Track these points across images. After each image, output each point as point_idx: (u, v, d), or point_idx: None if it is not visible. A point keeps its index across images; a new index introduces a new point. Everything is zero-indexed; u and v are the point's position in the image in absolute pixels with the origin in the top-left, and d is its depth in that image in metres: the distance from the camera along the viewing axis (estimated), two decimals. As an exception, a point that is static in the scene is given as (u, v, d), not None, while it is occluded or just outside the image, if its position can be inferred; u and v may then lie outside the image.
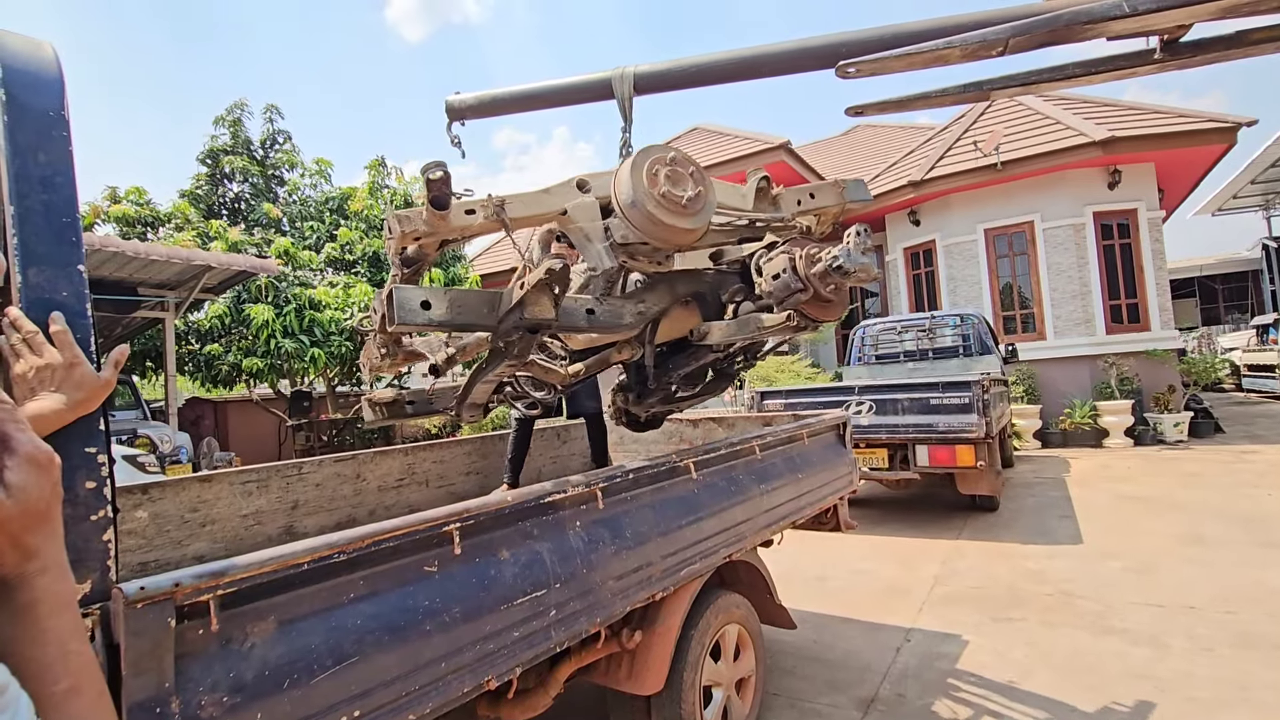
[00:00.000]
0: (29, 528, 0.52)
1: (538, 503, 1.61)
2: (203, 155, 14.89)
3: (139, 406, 8.75)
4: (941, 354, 7.46)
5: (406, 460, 3.21)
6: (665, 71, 2.06)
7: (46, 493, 0.53)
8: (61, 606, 0.53)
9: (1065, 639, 3.22)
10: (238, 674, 1.04)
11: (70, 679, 0.52)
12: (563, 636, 1.60)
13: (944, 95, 1.88)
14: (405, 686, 1.25)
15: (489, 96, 2.34)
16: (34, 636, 0.51)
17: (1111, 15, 1.44)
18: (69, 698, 0.51)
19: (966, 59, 1.62)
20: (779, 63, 1.91)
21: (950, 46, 1.60)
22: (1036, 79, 1.77)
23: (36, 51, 1.04)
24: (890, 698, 2.78)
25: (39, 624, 0.51)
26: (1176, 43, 1.54)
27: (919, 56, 1.63)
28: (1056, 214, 10.25)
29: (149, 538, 2.32)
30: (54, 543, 0.54)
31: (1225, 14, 1.42)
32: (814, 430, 2.95)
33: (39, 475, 0.53)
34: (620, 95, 2.11)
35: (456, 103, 2.35)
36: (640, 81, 2.07)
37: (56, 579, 0.54)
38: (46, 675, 0.50)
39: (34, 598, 0.52)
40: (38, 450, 0.54)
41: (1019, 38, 1.54)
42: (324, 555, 1.17)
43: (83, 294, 0.98)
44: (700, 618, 2.18)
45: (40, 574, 0.53)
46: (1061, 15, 1.51)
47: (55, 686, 0.51)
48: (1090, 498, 6.20)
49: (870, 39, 1.75)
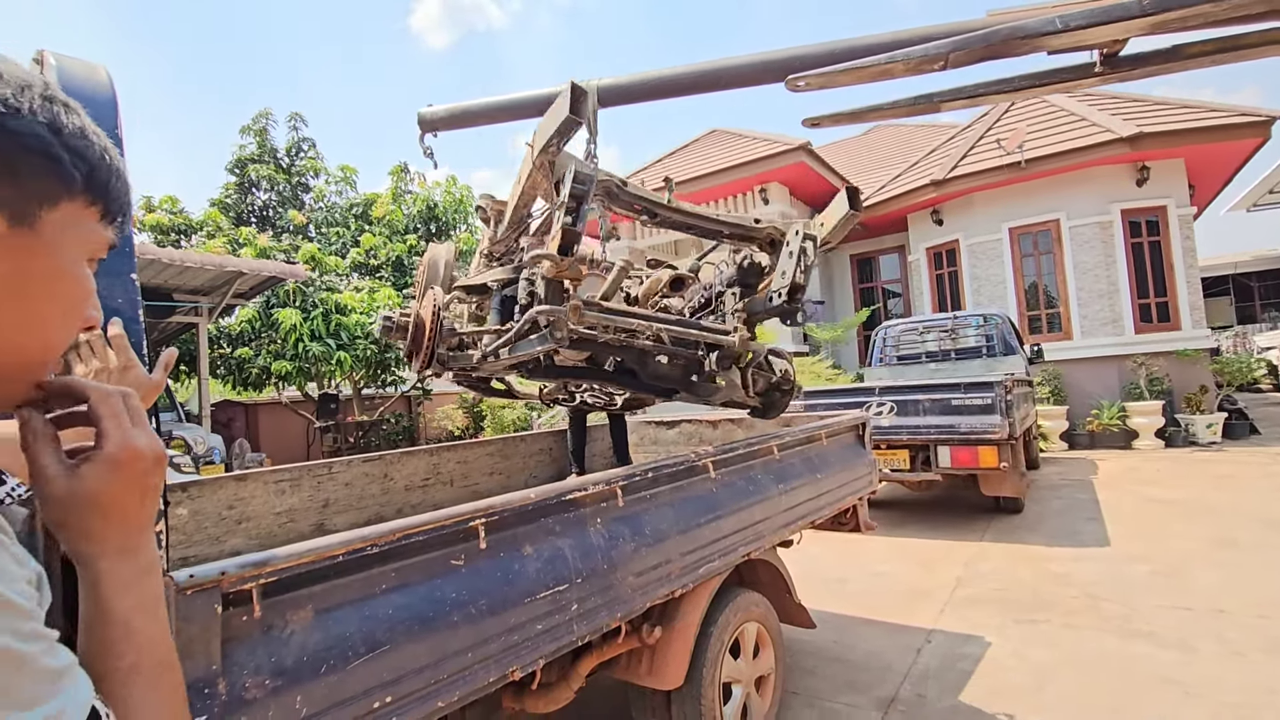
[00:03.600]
0: (83, 514, 0.56)
1: (560, 500, 1.66)
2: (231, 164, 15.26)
3: (174, 409, 9.00)
4: (964, 354, 7.40)
5: (431, 460, 3.28)
6: (628, 85, 2.13)
7: (114, 487, 0.57)
8: (125, 587, 0.56)
9: (1090, 642, 3.20)
10: (278, 659, 1.10)
11: (132, 656, 0.55)
12: (584, 630, 1.64)
13: (896, 107, 1.96)
14: (434, 675, 1.30)
15: (459, 109, 2.42)
16: (99, 615, 0.55)
17: (1046, 31, 1.51)
18: (131, 675, 0.55)
19: (910, 73, 1.70)
20: (736, 76, 1.99)
21: (894, 61, 1.67)
22: (984, 91, 1.84)
23: (92, 75, 1.12)
24: (910, 698, 2.78)
25: (103, 603, 0.56)
26: (1116, 56, 1.60)
27: (865, 70, 1.71)
28: (1083, 212, 10.10)
29: (188, 534, 2.41)
30: (120, 529, 0.58)
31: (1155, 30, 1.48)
32: (833, 431, 2.97)
33: (110, 473, 0.57)
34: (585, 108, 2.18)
35: (428, 115, 2.43)
36: (604, 95, 2.14)
37: (119, 561, 0.57)
38: (111, 651, 0.54)
39: (95, 578, 0.56)
40: (119, 451, 0.58)
41: (958, 53, 1.62)
42: (358, 548, 1.22)
43: (135, 301, 1.05)
44: (719, 615, 2.21)
45: (99, 557, 0.56)
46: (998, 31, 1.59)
47: (119, 662, 0.54)
48: (1118, 500, 6.11)
49: (821, 54, 1.82)
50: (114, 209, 0.59)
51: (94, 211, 0.57)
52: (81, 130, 0.55)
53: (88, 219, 0.57)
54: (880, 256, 14.36)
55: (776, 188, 12.01)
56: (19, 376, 0.56)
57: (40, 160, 0.51)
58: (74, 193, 0.54)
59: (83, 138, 0.55)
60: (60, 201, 0.54)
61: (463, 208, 14.42)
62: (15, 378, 0.56)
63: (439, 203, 14.21)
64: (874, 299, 14.36)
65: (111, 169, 0.58)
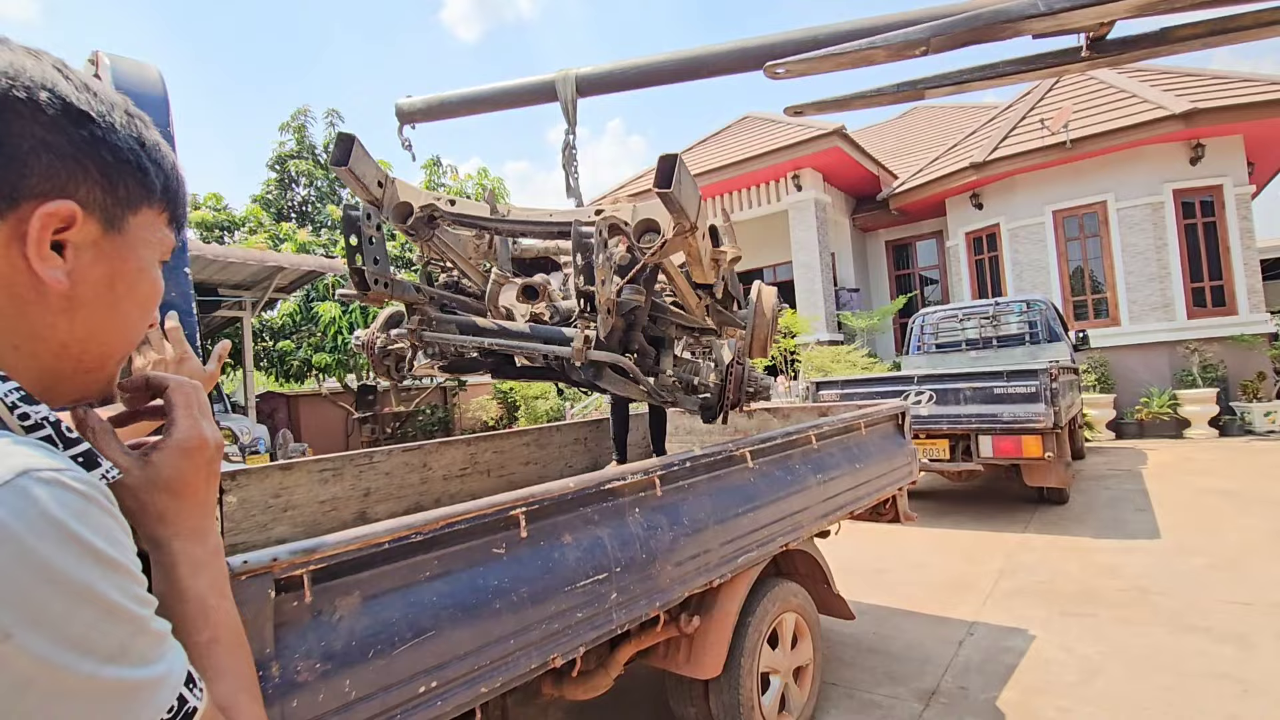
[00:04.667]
0: (158, 499, 0.60)
1: (599, 489, 1.67)
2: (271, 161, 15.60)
3: (221, 400, 9.30)
4: (1006, 342, 7.20)
5: (469, 450, 3.33)
6: (607, 73, 2.10)
7: (185, 472, 0.62)
8: (198, 567, 0.61)
9: (1140, 636, 3.10)
10: (328, 643, 1.13)
11: (210, 631, 0.59)
12: (623, 619, 1.65)
13: (880, 95, 1.91)
14: (477, 661, 1.32)
15: (437, 100, 2.39)
16: (177, 594, 0.59)
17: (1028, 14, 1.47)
18: (211, 648, 0.58)
19: (892, 58, 1.65)
20: (716, 64, 1.95)
21: (874, 47, 1.63)
22: (969, 77, 1.79)
23: (144, 74, 1.14)
24: (952, 690, 2.73)
25: (179, 583, 0.59)
26: (1103, 40, 1.56)
27: (845, 56, 1.67)
28: (1132, 193, 9.72)
29: (237, 521, 2.48)
30: (192, 512, 0.62)
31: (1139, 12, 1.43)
32: (872, 420, 2.92)
33: (180, 459, 0.62)
34: (563, 98, 2.15)
35: (406, 106, 2.41)
36: (583, 84, 2.12)
37: (192, 543, 0.61)
38: (190, 628, 0.58)
39: (172, 559, 0.60)
40: (188, 438, 0.62)
41: (940, 37, 1.58)
42: (402, 535, 1.24)
43: (189, 295, 1.08)
44: (757, 605, 2.20)
45: (174, 538, 0.60)
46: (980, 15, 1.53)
47: (198, 637, 0.58)
48: (1169, 491, 5.90)
49: (802, 39, 1.78)
50: (179, 214, 0.65)
51: (165, 217, 0.63)
52: (157, 143, 0.61)
53: (160, 223, 0.62)
54: (917, 242, 14.06)
55: (810, 174, 11.82)
56: (100, 368, 0.60)
57: (131, 171, 0.57)
58: (153, 200, 0.60)
59: (159, 150, 0.61)
60: (142, 208, 0.59)
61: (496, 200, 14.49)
62: (97, 369, 0.60)
63: (471, 195, 14.34)
64: (910, 286, 14.08)
65: (179, 178, 0.64)
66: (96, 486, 0.46)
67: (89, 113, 0.54)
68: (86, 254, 0.54)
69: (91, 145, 0.54)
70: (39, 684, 0.39)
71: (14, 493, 0.41)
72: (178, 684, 0.48)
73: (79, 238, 0.53)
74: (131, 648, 0.45)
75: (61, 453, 0.49)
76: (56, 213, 0.51)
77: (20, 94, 0.50)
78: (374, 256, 1.76)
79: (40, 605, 0.40)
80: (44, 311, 0.53)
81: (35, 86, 0.51)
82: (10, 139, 0.50)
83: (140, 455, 0.61)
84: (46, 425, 0.50)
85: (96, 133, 0.54)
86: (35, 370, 0.54)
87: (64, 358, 0.56)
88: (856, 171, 12.32)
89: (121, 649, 0.44)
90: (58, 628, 0.40)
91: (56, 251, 0.52)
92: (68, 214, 0.52)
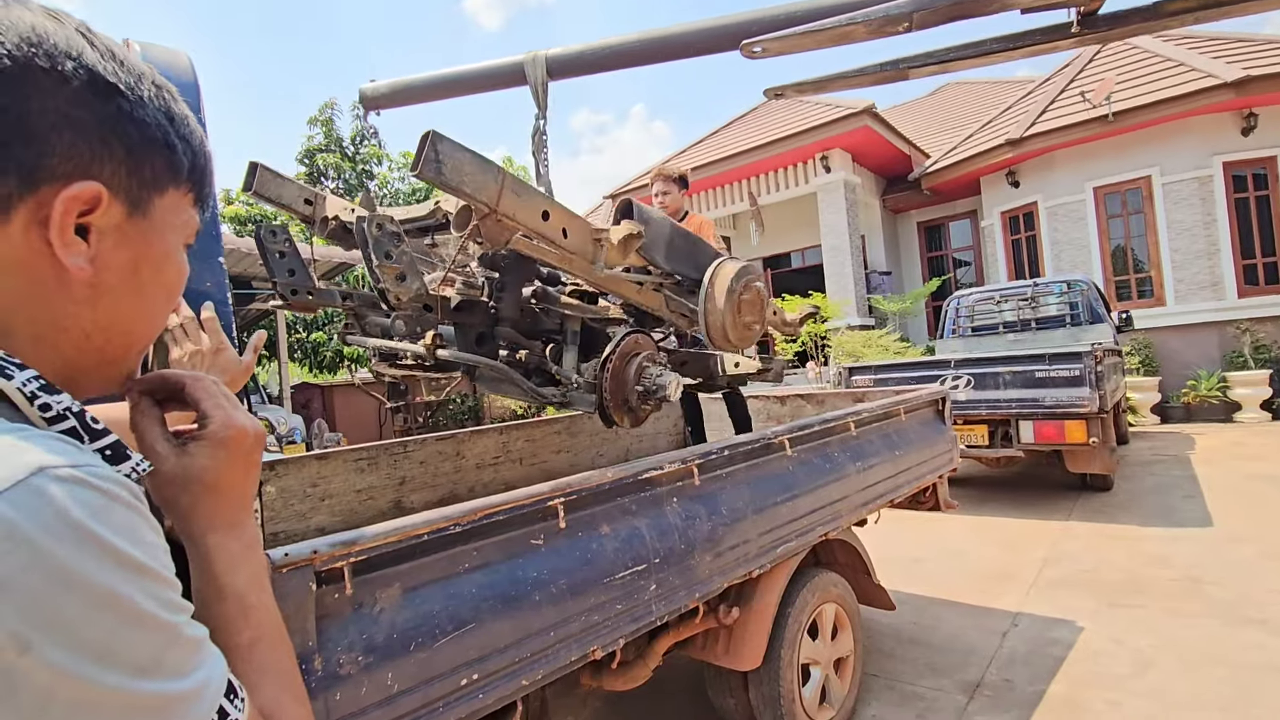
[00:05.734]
0: (194, 491, 0.57)
1: (636, 479, 1.63)
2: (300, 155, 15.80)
3: (257, 391, 9.50)
4: (1045, 324, 6.99)
5: (501, 439, 3.33)
6: (578, 55, 2.02)
7: (222, 464, 0.58)
8: (235, 564, 0.57)
9: (1193, 628, 2.99)
10: (370, 636, 1.12)
11: (250, 630, 0.56)
12: (663, 611, 1.62)
13: (862, 75, 1.83)
14: (518, 653, 1.30)
15: (401, 85, 2.33)
16: (215, 592, 0.56)
17: None
18: (252, 649, 0.55)
19: (873, 35, 1.57)
20: (690, 43, 1.87)
21: (854, 23, 1.55)
22: (956, 55, 1.70)
23: (175, 61, 1.13)
24: (997, 683, 2.66)
25: (216, 580, 0.56)
26: (1094, 15, 1.49)
27: (825, 34, 1.58)
28: (1178, 167, 9.33)
29: (276, 510, 2.51)
30: (229, 505, 0.59)
31: None
32: (912, 406, 2.84)
33: (219, 449, 0.58)
34: (533, 80, 2.07)
35: (370, 91, 2.36)
36: (553, 65, 2.04)
37: (228, 538, 0.58)
38: (230, 628, 0.55)
39: (208, 555, 0.57)
40: (226, 427, 0.59)
41: (923, 13, 1.48)
42: (441, 527, 1.23)
43: (223, 284, 1.07)
44: (797, 595, 2.16)
45: (210, 532, 0.57)
46: None
47: (239, 638, 0.55)
48: (1219, 477, 5.68)
49: (779, 16, 1.68)
50: (205, 194, 0.61)
51: (191, 197, 0.59)
52: (185, 117, 0.57)
53: (186, 204, 0.58)
54: (950, 223, 13.72)
55: (839, 154, 11.58)
56: (123, 359, 0.57)
57: (159, 149, 0.53)
58: (179, 180, 0.56)
59: (187, 125, 0.57)
60: (168, 188, 0.55)
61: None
62: (120, 360, 0.57)
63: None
64: (943, 268, 13.76)
65: (207, 155, 0.60)
66: (121, 483, 0.43)
67: (117, 85, 0.49)
68: (110, 239, 0.51)
69: (118, 121, 0.49)
70: (61, 698, 0.36)
71: (28, 492, 0.37)
72: (217, 696, 0.45)
73: (103, 222, 0.50)
74: (164, 658, 0.41)
75: (85, 446, 0.46)
76: (80, 195, 0.47)
77: (43, 63, 0.46)
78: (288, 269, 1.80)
79: (59, 613, 0.37)
80: (67, 300, 0.49)
81: (59, 55, 0.47)
82: (31, 115, 0.45)
83: (179, 445, 0.58)
84: (70, 416, 0.47)
85: (124, 107, 0.50)
86: (58, 363, 0.51)
87: (86, 349, 0.52)
88: (887, 151, 12.03)
89: (154, 660, 0.41)
90: (79, 637, 0.37)
91: (80, 236, 0.49)
92: (92, 196, 0.48)
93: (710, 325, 1.96)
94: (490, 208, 1.48)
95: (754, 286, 2.03)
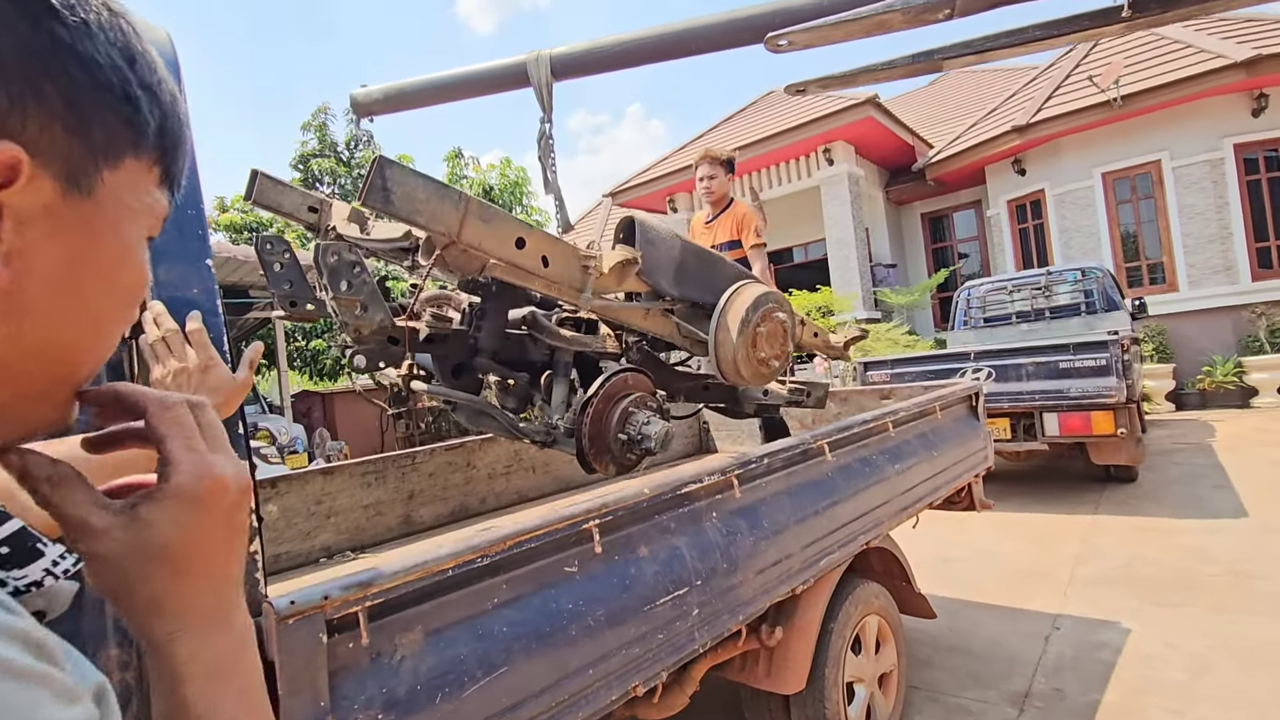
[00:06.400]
0: (152, 574, 0.40)
1: (674, 494, 1.49)
2: (294, 160, 15.65)
3: (257, 401, 9.35)
4: (1059, 313, 6.84)
5: (512, 447, 3.18)
6: (585, 53, 1.90)
7: (191, 532, 0.41)
8: (216, 677, 0.41)
9: (1247, 627, 2.84)
10: (390, 689, 0.98)
11: None
12: (706, 637, 1.48)
13: (891, 68, 1.72)
14: (555, 696, 1.16)
15: (395, 90, 2.21)
16: None
17: None
18: None
19: (910, 24, 1.46)
20: (708, 38, 1.74)
21: (891, 11, 1.43)
22: (994, 45, 1.58)
23: (151, 36, 0.98)
24: (1047, 692, 2.52)
25: (190, 709, 0.40)
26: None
27: (858, 24, 1.46)
28: (1188, 150, 9.18)
29: (279, 531, 2.37)
30: (203, 590, 0.42)
31: None
32: (946, 402, 2.70)
33: (186, 512, 0.41)
34: (537, 81, 1.94)
35: (363, 97, 2.23)
36: (557, 66, 1.92)
37: (205, 640, 0.41)
38: None
39: (176, 671, 0.40)
40: (195, 481, 0.42)
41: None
42: (468, 560, 1.08)
43: (212, 290, 0.92)
44: (840, 610, 2.02)
45: (179, 635, 0.40)
46: None
47: None
48: (1246, 465, 5.54)
49: (806, 6, 1.55)
50: (175, 170, 0.44)
51: (157, 172, 0.42)
52: (153, 62, 0.41)
53: (149, 182, 0.42)
54: (954, 213, 13.56)
55: (842, 147, 11.42)
56: (57, 393, 0.41)
57: (112, 101, 0.37)
58: (141, 147, 0.40)
59: (154, 72, 0.41)
60: (125, 158, 0.39)
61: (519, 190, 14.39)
62: (52, 394, 0.40)
63: (495, 186, 14.21)
64: (948, 259, 13.59)
65: (181, 119, 0.43)
66: None
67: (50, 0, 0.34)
68: (36, 227, 0.35)
69: (53, 55, 0.34)
70: None
71: None
72: None
73: (24, 201, 0.34)
74: None
75: None
76: None
77: None
78: (287, 280, 1.68)
79: None
80: None
81: None
82: None
83: (125, 509, 0.41)
84: None
85: (60, 35, 0.34)
86: None
87: (8, 383, 0.37)
88: (890, 142, 11.87)
89: None
90: None
91: None
92: (6, 164, 0.32)
93: (720, 358, 1.81)
94: (450, 238, 1.35)
95: (775, 318, 1.86)
